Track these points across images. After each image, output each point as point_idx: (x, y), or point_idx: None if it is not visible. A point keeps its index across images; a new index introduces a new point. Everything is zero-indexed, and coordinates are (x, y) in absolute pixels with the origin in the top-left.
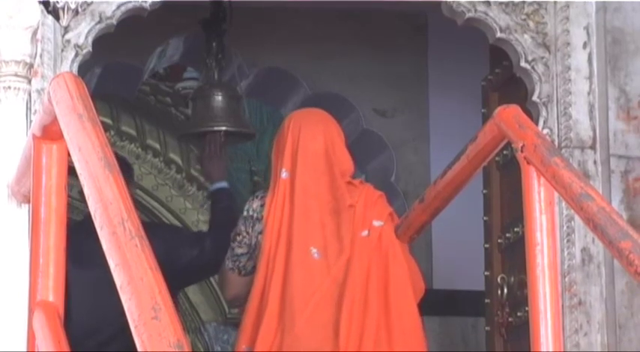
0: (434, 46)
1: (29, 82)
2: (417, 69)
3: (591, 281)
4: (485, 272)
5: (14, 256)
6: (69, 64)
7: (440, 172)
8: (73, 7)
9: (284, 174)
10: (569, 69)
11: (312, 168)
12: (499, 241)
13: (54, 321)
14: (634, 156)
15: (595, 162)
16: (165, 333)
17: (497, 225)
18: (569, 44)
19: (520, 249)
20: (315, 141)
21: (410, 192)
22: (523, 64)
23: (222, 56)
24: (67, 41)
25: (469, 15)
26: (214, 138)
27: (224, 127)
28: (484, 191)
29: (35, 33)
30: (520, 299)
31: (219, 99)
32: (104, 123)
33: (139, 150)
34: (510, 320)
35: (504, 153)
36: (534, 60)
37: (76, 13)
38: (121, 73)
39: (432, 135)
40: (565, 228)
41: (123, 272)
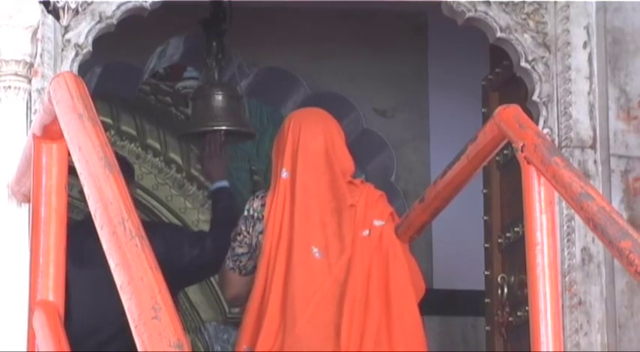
0: (434, 46)
1: (29, 81)
2: (417, 69)
3: (591, 280)
4: (486, 272)
5: (14, 256)
6: (69, 63)
7: (440, 172)
8: (73, 6)
9: (284, 173)
10: (569, 69)
11: (313, 168)
12: (499, 241)
13: (54, 321)
14: (634, 156)
15: (595, 162)
16: (166, 333)
17: (497, 224)
18: (569, 44)
19: (520, 248)
20: (316, 141)
21: (410, 192)
22: (523, 63)
23: (222, 56)
24: (68, 41)
25: (469, 15)
26: (214, 138)
27: (224, 127)
28: (484, 191)
29: (35, 32)
30: (520, 298)
31: (219, 98)
32: (104, 123)
33: (139, 149)
34: (510, 319)
35: (504, 152)
36: (534, 59)
37: (77, 12)
38: (121, 72)
39: (432, 134)
40: (565, 227)
41: (123, 272)
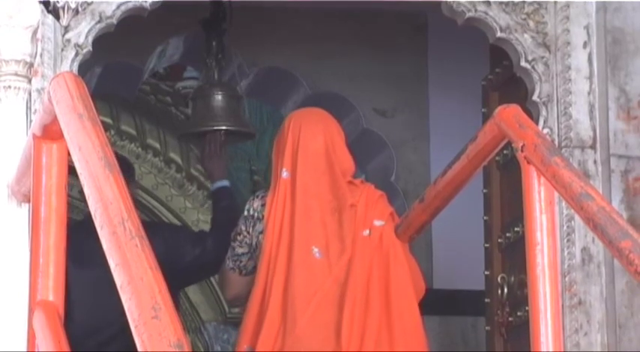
0: (434, 46)
1: (29, 81)
2: (417, 69)
3: (591, 280)
4: (486, 272)
5: (14, 256)
6: (69, 63)
7: (440, 172)
8: (73, 6)
9: (284, 173)
10: (569, 68)
11: (313, 168)
12: (499, 241)
13: (54, 321)
14: (634, 156)
15: (595, 162)
16: (166, 333)
17: (497, 224)
18: (569, 44)
19: (520, 248)
20: (316, 141)
21: (410, 192)
22: (523, 63)
23: (222, 56)
24: (67, 41)
25: (469, 15)
26: (214, 138)
27: (224, 127)
28: (484, 190)
29: (35, 32)
30: (520, 298)
31: (219, 98)
32: (104, 123)
33: (139, 149)
34: (510, 319)
35: (504, 152)
36: (534, 59)
37: (76, 12)
38: (121, 72)
39: (432, 134)
40: (565, 227)
41: (123, 272)
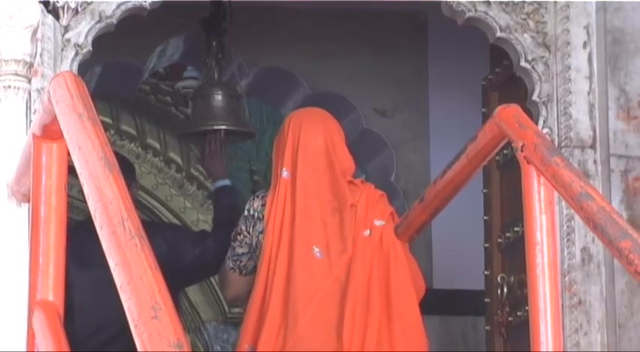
0: (434, 46)
1: (29, 81)
2: (417, 68)
3: (591, 280)
4: (485, 272)
5: (14, 255)
6: (69, 63)
7: (440, 172)
8: (72, 6)
9: (285, 173)
10: (569, 68)
11: (313, 168)
12: (499, 240)
13: (54, 321)
14: (634, 156)
15: (595, 162)
16: (165, 333)
17: (497, 224)
18: (569, 44)
19: (520, 248)
20: (316, 140)
21: (410, 192)
22: (523, 63)
23: (222, 55)
24: (67, 40)
25: (469, 14)
26: (215, 137)
27: (224, 126)
28: (484, 190)
29: (35, 32)
30: (520, 298)
31: (219, 98)
32: (104, 123)
33: (138, 149)
34: (510, 319)
35: (504, 152)
36: (534, 59)
37: (76, 12)
38: (121, 72)
39: (431, 134)
40: (565, 227)
41: (123, 272)
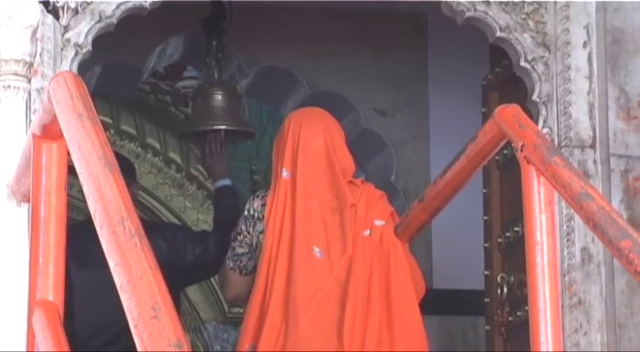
0: (434, 46)
1: (29, 81)
2: (417, 68)
3: (591, 280)
4: (485, 272)
5: (14, 255)
6: (69, 63)
7: (440, 171)
8: (72, 6)
9: (285, 173)
10: (569, 68)
11: (313, 167)
12: (499, 240)
13: (54, 320)
14: (634, 156)
15: (595, 162)
16: (165, 332)
17: (497, 224)
18: (569, 43)
19: (520, 248)
20: (316, 140)
21: (410, 192)
22: (523, 63)
23: (222, 55)
24: (67, 40)
25: (469, 14)
26: (215, 137)
27: (224, 126)
28: (484, 190)
29: (35, 32)
30: (520, 298)
31: (219, 98)
32: (104, 122)
33: (138, 149)
34: (510, 319)
35: (504, 152)
36: (534, 59)
37: (76, 12)
38: (121, 72)
39: (431, 134)
40: (565, 227)
41: (122, 272)
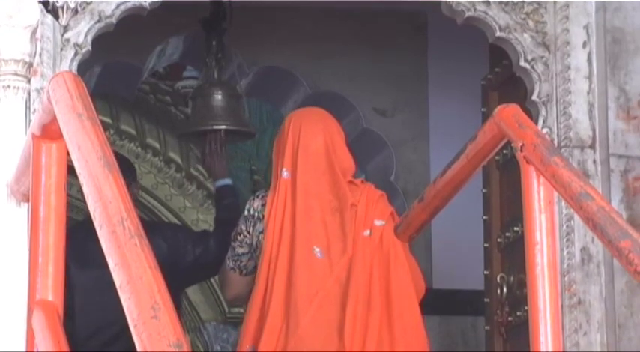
0: (434, 46)
1: (29, 81)
2: (417, 68)
3: (591, 280)
4: (485, 272)
5: (13, 255)
6: (68, 63)
7: (439, 171)
8: (72, 6)
9: (285, 173)
10: (568, 68)
11: (313, 167)
12: (498, 240)
13: (53, 320)
14: (633, 156)
15: (594, 162)
16: (165, 332)
17: (496, 224)
18: (568, 43)
19: (519, 248)
20: (316, 140)
21: (409, 191)
22: (523, 63)
23: (222, 55)
24: (67, 40)
25: (469, 14)
26: (215, 137)
27: (224, 126)
28: (484, 190)
29: (35, 32)
30: (519, 298)
31: (219, 98)
32: (104, 122)
33: (138, 149)
34: (510, 319)
35: (504, 152)
36: (534, 59)
37: (76, 12)
38: (121, 72)
39: (431, 134)
40: (564, 227)
41: (122, 272)
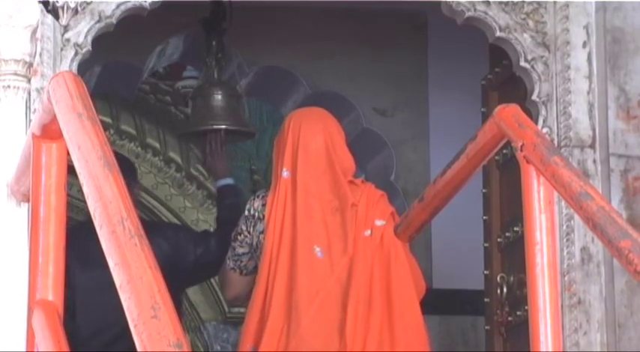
0: (434, 46)
1: (29, 80)
2: (417, 68)
3: (591, 280)
4: (485, 272)
5: (13, 255)
6: (68, 62)
7: (439, 171)
8: (72, 6)
9: (285, 173)
10: (568, 68)
11: (313, 167)
12: (499, 240)
13: (53, 320)
14: (633, 155)
15: (594, 161)
16: (165, 332)
17: (496, 224)
18: (568, 43)
19: (519, 248)
20: (316, 140)
21: (409, 191)
22: (523, 63)
23: (222, 55)
24: (67, 40)
25: (469, 14)
26: (215, 137)
27: (224, 126)
28: (484, 190)
29: (35, 32)
30: (519, 298)
31: (219, 97)
32: (104, 122)
33: (138, 149)
34: (510, 319)
35: (504, 152)
36: (534, 59)
37: (76, 12)
38: (121, 71)
39: (431, 134)
40: (564, 227)
41: (122, 272)
